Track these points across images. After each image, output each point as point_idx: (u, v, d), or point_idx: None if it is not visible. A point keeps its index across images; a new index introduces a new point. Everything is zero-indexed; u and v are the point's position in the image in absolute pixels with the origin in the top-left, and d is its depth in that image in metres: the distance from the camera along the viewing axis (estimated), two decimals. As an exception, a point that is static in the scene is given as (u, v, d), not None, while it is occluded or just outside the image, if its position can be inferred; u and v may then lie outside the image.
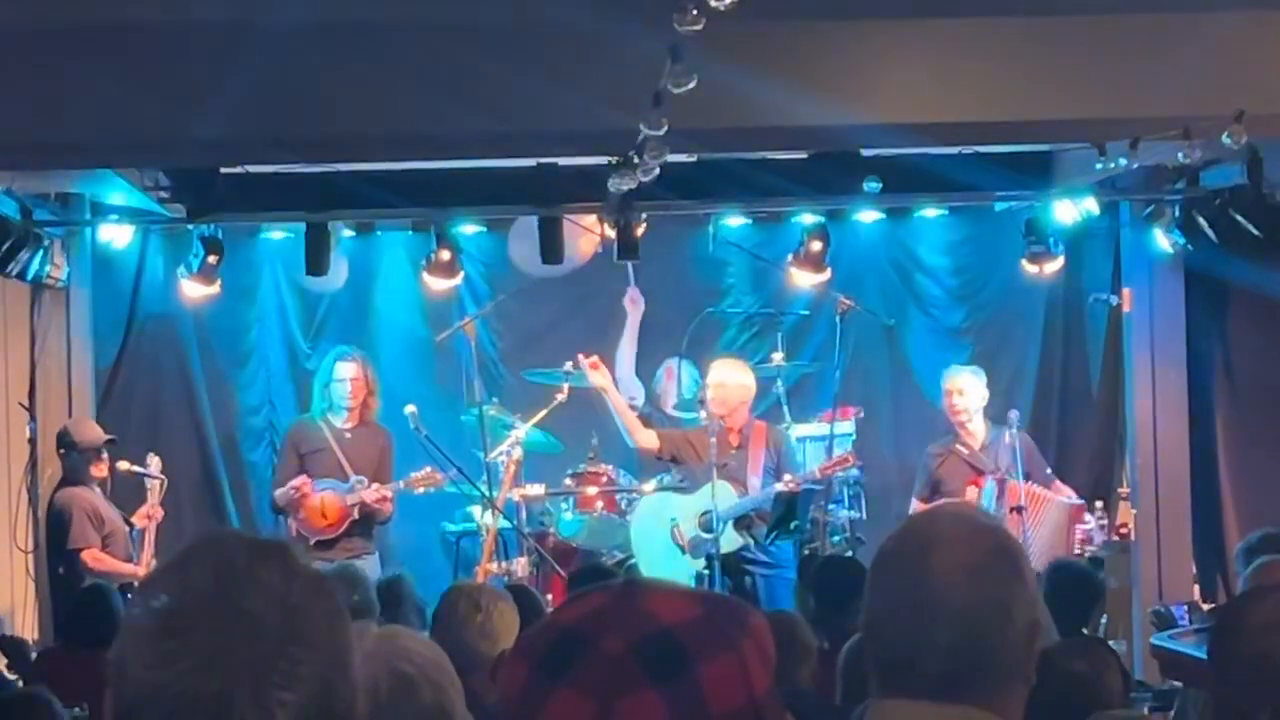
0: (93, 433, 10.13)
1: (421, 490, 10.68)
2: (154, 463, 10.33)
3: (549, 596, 9.59)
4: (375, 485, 10.51)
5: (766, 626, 1.85)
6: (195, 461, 12.02)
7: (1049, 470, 10.99)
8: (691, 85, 6.47)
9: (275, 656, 1.73)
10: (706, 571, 10.26)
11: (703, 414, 10.77)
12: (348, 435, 10.54)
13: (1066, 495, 10.92)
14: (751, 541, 10.35)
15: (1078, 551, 10.59)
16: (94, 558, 9.67)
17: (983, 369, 11.18)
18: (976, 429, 10.82)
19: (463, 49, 7.66)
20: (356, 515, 10.42)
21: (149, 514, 10.14)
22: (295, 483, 10.31)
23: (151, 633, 1.74)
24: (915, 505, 10.76)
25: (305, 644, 1.75)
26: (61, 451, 9.90)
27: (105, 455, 10.17)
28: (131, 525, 10.03)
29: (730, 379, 10.57)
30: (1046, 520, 10.62)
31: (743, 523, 10.32)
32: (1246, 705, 2.55)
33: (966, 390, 10.80)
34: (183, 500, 11.42)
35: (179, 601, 1.76)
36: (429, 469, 10.59)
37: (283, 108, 7.80)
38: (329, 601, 1.82)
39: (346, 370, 10.56)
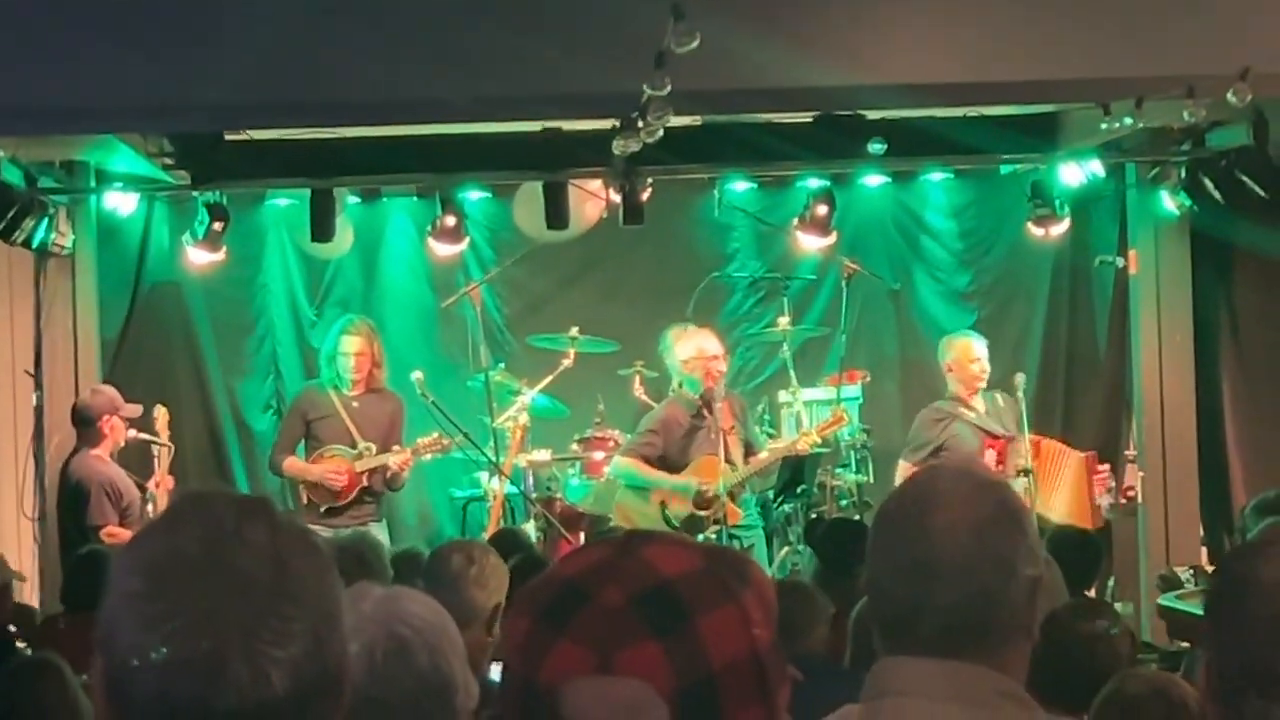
0: (129, 404, 10.09)
1: (429, 457, 10.63)
2: (161, 415, 10.27)
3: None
4: (395, 448, 10.46)
5: (767, 579, 1.85)
6: (202, 429, 12.04)
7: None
8: (694, 45, 6.45)
9: (266, 614, 1.71)
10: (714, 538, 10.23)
11: (676, 386, 10.71)
12: (355, 403, 10.46)
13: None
14: (742, 513, 10.33)
15: (1099, 502, 10.44)
16: (110, 534, 9.66)
17: (984, 333, 11.05)
18: (978, 397, 10.63)
19: (464, 12, 7.64)
20: (366, 482, 10.36)
21: (158, 482, 10.12)
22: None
23: (140, 596, 1.73)
24: (905, 469, 10.21)
25: (295, 600, 1.74)
26: (106, 418, 9.85)
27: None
28: (145, 490, 10.02)
29: (720, 348, 10.50)
30: (1064, 476, 10.48)
31: (731, 496, 10.27)
32: (1251, 670, 2.52)
33: (979, 356, 10.65)
34: (190, 467, 11.41)
35: (166, 563, 1.74)
36: (436, 434, 10.52)
37: (284, 72, 7.77)
38: (317, 556, 1.80)
39: (351, 345, 10.41)
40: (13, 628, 8.24)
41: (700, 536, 10.16)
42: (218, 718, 1.69)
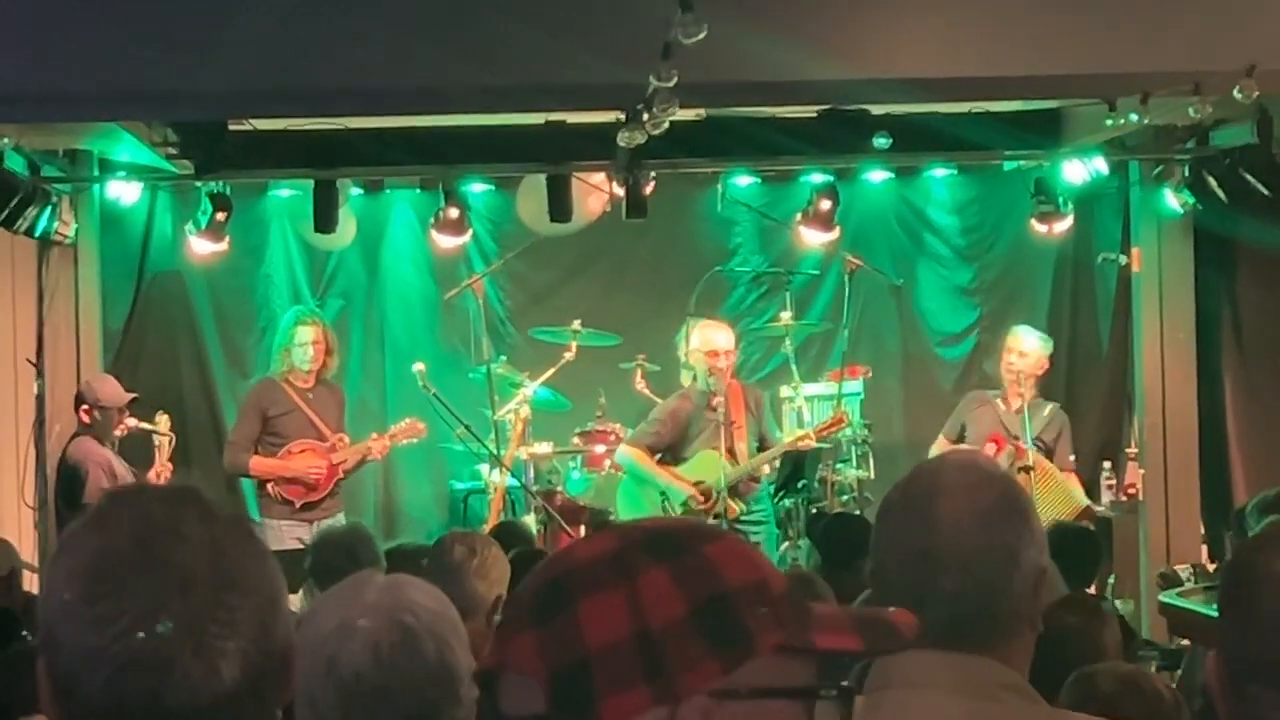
0: (118, 391, 10.09)
1: (405, 441, 10.65)
2: (163, 421, 10.29)
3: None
4: (373, 435, 10.51)
5: (722, 548, 1.73)
6: (205, 418, 12.04)
7: (1072, 457, 10.81)
8: (702, 35, 6.42)
9: (211, 606, 1.71)
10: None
11: (688, 380, 10.69)
12: (310, 395, 10.46)
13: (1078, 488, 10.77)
14: (743, 506, 10.30)
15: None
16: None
17: (986, 329, 11.07)
18: (1023, 393, 10.61)
19: (469, 2, 7.63)
20: (342, 475, 10.40)
21: (158, 471, 10.12)
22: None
23: (79, 598, 1.71)
24: (940, 443, 10.69)
25: (237, 589, 1.74)
26: (85, 408, 9.86)
27: (126, 412, 10.13)
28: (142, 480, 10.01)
29: (731, 342, 10.48)
30: (1051, 495, 10.42)
31: (734, 490, 10.25)
32: (1262, 663, 2.52)
33: (1027, 353, 10.67)
34: (193, 457, 11.41)
35: (102, 563, 1.72)
36: (410, 420, 10.58)
37: (288, 61, 7.75)
38: (252, 542, 1.80)
39: (309, 334, 10.41)
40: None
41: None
42: (170, 714, 1.69)
